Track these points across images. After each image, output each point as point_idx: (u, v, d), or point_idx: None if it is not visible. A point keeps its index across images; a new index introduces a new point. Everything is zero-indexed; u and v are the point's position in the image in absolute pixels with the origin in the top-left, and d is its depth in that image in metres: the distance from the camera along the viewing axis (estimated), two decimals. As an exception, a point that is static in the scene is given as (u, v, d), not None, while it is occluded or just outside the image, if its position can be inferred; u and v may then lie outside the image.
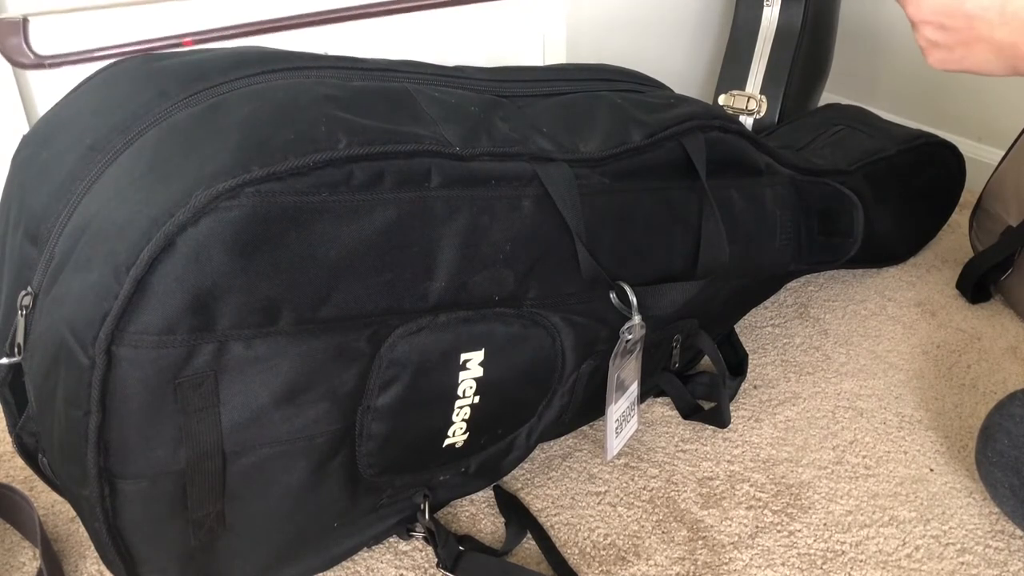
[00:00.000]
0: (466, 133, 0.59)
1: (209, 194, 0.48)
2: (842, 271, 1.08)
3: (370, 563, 0.68)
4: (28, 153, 0.58)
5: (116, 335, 0.48)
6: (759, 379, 0.89)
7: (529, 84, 0.70)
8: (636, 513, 0.73)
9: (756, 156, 0.81)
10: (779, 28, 1.23)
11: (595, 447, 0.80)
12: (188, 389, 0.51)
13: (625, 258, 0.69)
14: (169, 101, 0.55)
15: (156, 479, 0.52)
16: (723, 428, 0.82)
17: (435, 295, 0.58)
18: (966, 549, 0.69)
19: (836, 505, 0.74)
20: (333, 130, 0.53)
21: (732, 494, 0.75)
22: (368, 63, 0.63)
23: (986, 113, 1.26)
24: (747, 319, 0.99)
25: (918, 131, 1.08)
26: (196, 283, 0.49)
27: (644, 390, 0.83)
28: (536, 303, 0.64)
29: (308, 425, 0.56)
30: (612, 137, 0.67)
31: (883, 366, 0.91)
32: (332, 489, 0.60)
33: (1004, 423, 0.68)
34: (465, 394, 0.62)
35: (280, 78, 0.57)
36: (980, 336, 0.95)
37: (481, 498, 0.74)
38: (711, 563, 0.68)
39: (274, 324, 0.52)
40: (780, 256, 0.88)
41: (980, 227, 1.05)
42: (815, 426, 0.82)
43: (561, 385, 0.69)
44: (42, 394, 0.52)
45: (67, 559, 0.68)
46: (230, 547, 0.58)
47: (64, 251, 0.51)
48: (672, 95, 0.77)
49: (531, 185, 0.61)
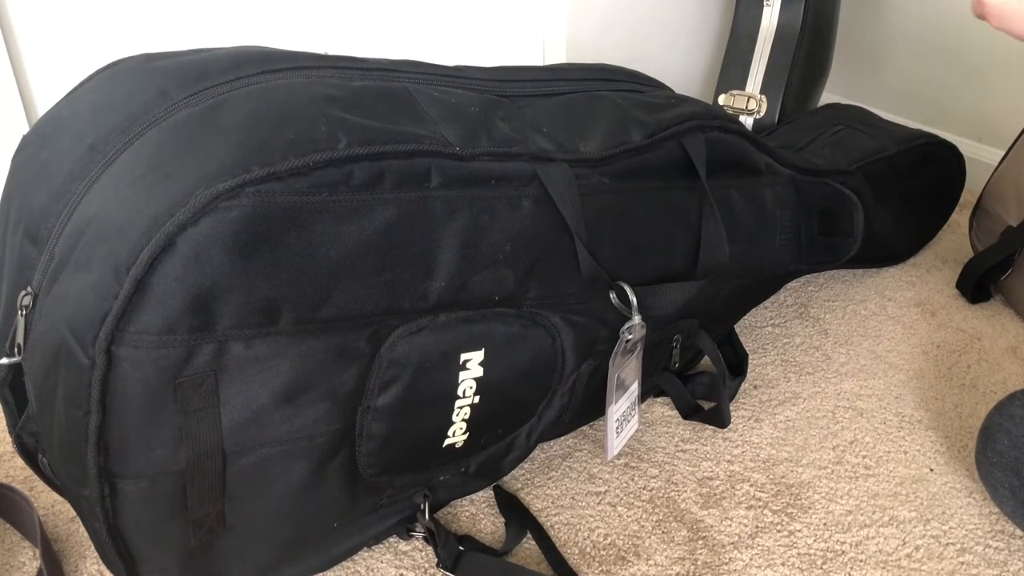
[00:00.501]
0: (466, 133, 0.59)
1: (209, 194, 0.48)
2: (842, 271, 1.08)
3: (370, 563, 0.68)
4: (28, 153, 0.58)
5: (116, 335, 0.48)
6: (759, 379, 0.89)
7: (529, 84, 0.70)
8: (636, 513, 0.73)
9: (756, 156, 0.81)
10: (779, 28, 1.23)
11: (595, 447, 0.80)
12: (188, 389, 0.51)
13: (625, 258, 0.69)
14: (169, 101, 0.55)
15: (156, 479, 0.52)
16: (723, 428, 0.82)
17: (435, 295, 0.58)
18: (966, 549, 0.69)
19: (836, 505, 0.74)
20: (333, 130, 0.53)
21: (732, 494, 0.75)
22: (368, 63, 0.63)
23: (986, 113, 1.26)
24: (747, 319, 0.99)
25: (918, 131, 1.08)
26: (196, 283, 0.49)
27: (644, 390, 0.83)
28: (536, 303, 0.64)
29: (308, 425, 0.56)
30: (612, 137, 0.67)
31: (883, 366, 0.91)
32: (332, 489, 0.60)
33: (1004, 423, 0.68)
34: (465, 394, 0.62)
35: (280, 78, 0.57)
36: (980, 336, 0.95)
37: (481, 498, 0.74)
38: (711, 563, 0.68)
39: (274, 324, 0.52)
40: (780, 256, 0.88)
41: (980, 227, 1.05)
42: (815, 426, 0.82)
43: (561, 385, 0.69)
44: (42, 394, 0.52)
45: (67, 559, 0.68)
46: (230, 547, 0.58)
47: (64, 251, 0.51)
48: (672, 95, 0.77)
49: (531, 185, 0.61)
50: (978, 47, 1.23)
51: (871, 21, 1.39)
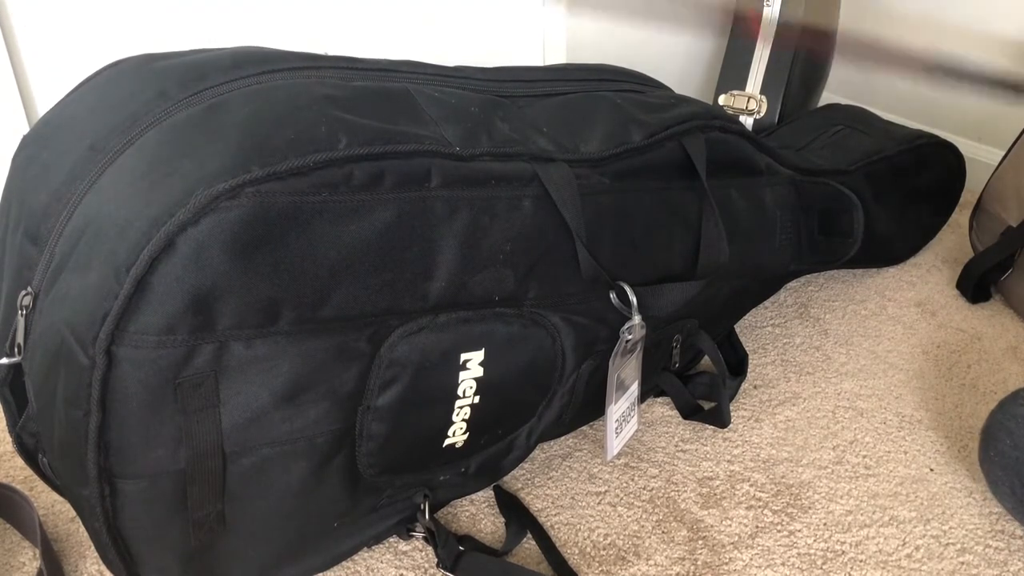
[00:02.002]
0: (466, 133, 0.59)
1: (209, 194, 0.48)
2: (842, 271, 1.08)
3: (370, 563, 0.68)
4: (28, 153, 0.58)
5: (116, 335, 0.48)
6: (759, 379, 0.89)
7: (529, 84, 0.70)
8: (636, 513, 0.73)
9: (756, 156, 0.81)
10: (779, 28, 1.23)
11: (595, 447, 0.80)
12: (188, 389, 0.51)
13: (625, 258, 0.69)
14: (169, 101, 0.55)
15: (156, 479, 0.52)
16: (723, 428, 0.82)
17: (435, 295, 0.58)
18: (966, 549, 0.69)
19: (836, 505, 0.73)
20: (333, 130, 0.53)
21: (732, 494, 0.75)
22: (368, 63, 0.63)
23: (986, 113, 1.26)
24: (747, 319, 0.99)
25: (918, 131, 1.08)
26: (196, 283, 0.49)
27: (644, 390, 0.83)
28: (536, 303, 0.64)
29: (308, 425, 0.56)
30: (612, 137, 0.67)
31: (883, 366, 0.91)
32: (332, 489, 0.60)
33: (1006, 422, 0.68)
34: (465, 394, 0.62)
35: (280, 78, 0.57)
36: (980, 336, 0.95)
37: (481, 498, 0.74)
38: (711, 563, 0.68)
39: (274, 324, 0.52)
40: (780, 256, 0.88)
41: (980, 227, 1.05)
42: (815, 426, 0.82)
43: (561, 385, 0.69)
44: (42, 394, 0.52)
45: (67, 559, 0.68)
46: (230, 547, 0.58)
47: (64, 251, 0.51)
48: (672, 95, 0.77)
49: (531, 185, 0.61)
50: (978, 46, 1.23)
51: (871, 21, 1.39)
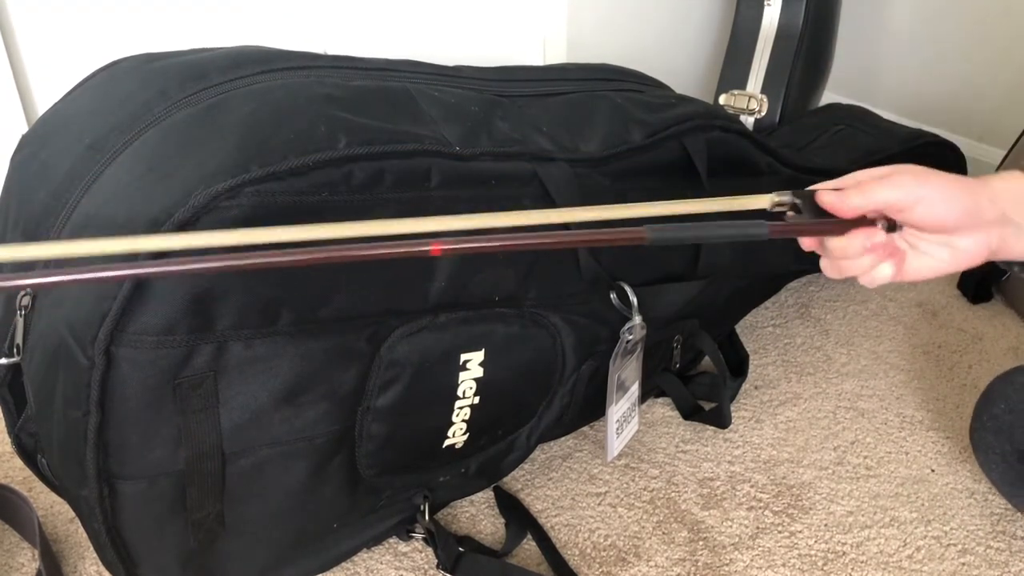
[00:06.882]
0: (466, 133, 0.59)
1: (208, 194, 0.48)
2: (843, 271, 1.08)
3: (370, 564, 0.68)
4: (27, 153, 0.58)
5: (115, 335, 0.48)
6: (760, 379, 0.89)
7: (529, 84, 0.69)
8: (636, 514, 0.73)
9: (757, 156, 0.81)
10: (780, 28, 1.23)
11: (596, 448, 0.80)
12: (187, 389, 0.51)
13: (626, 258, 0.69)
14: (169, 101, 0.55)
15: (155, 480, 0.52)
16: (724, 429, 0.82)
17: (435, 295, 0.58)
18: (967, 550, 0.69)
19: (837, 506, 0.73)
20: (333, 130, 0.53)
21: (733, 495, 0.74)
22: (368, 63, 0.63)
23: (986, 113, 1.25)
24: (748, 319, 0.99)
25: (918, 131, 1.08)
26: (195, 283, 0.48)
27: (645, 391, 0.83)
28: (536, 303, 0.64)
29: (308, 426, 0.56)
30: (613, 136, 0.67)
31: (884, 366, 0.90)
32: (332, 490, 0.60)
33: (1005, 389, 0.68)
34: (465, 394, 0.62)
35: (280, 78, 0.57)
36: (981, 336, 0.95)
37: (481, 499, 0.74)
38: (712, 564, 0.68)
39: (274, 324, 0.52)
40: (781, 257, 0.87)
41: (981, 227, 1.05)
42: (816, 427, 0.82)
43: (561, 386, 0.69)
44: (41, 394, 0.52)
45: (66, 560, 0.68)
46: (229, 548, 0.58)
47: (63, 251, 0.51)
48: (673, 95, 0.77)
49: (531, 185, 0.61)
50: (978, 46, 1.23)
51: (871, 21, 1.38)
